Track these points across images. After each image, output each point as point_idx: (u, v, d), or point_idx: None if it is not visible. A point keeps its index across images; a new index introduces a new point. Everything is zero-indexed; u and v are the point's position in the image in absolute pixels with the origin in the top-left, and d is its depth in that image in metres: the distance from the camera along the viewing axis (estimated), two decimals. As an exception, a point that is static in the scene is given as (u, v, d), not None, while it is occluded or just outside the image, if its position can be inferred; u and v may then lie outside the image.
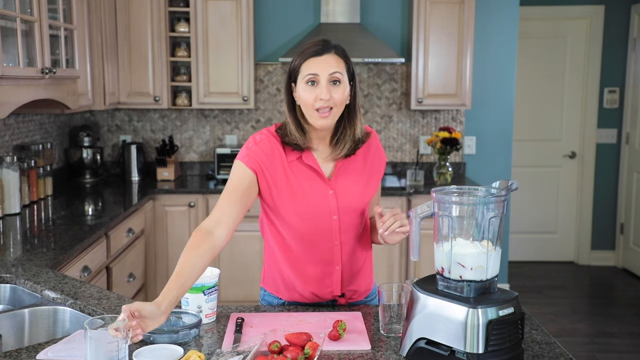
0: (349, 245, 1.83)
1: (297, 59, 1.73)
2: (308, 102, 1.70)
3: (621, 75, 5.45)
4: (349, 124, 1.77)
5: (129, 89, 4.18)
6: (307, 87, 1.70)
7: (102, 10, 3.81)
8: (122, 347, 1.30)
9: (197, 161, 4.64)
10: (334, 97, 1.69)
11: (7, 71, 2.46)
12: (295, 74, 1.73)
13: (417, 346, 1.42)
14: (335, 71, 1.70)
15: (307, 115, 1.72)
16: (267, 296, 1.94)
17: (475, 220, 1.39)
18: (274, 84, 4.56)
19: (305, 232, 1.78)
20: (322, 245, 1.80)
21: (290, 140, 1.75)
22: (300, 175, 1.76)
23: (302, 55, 1.72)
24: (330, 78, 1.69)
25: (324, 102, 1.68)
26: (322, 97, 1.68)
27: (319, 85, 1.69)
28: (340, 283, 1.84)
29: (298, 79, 1.72)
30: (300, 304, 1.88)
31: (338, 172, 1.80)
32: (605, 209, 5.61)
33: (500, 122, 4.62)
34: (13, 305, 2.06)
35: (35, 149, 3.62)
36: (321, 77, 1.69)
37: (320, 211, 1.77)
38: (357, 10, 4.30)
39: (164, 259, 4.02)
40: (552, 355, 1.48)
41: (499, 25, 4.53)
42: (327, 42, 1.74)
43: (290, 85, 1.76)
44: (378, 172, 1.89)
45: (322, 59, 1.70)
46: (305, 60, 1.71)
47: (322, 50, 1.71)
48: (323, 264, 1.81)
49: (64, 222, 3.01)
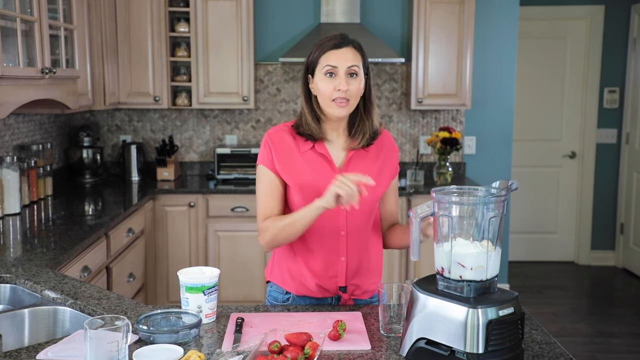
0: (355, 237, 1.87)
1: (315, 52, 1.81)
2: (326, 92, 1.78)
3: (621, 75, 5.45)
4: (366, 115, 1.86)
5: (129, 89, 4.18)
6: (325, 79, 1.78)
7: (102, 10, 3.81)
8: (122, 347, 1.30)
9: (197, 161, 4.64)
10: (350, 89, 1.77)
11: (7, 71, 2.46)
12: (313, 65, 1.82)
13: (417, 346, 1.42)
14: (353, 64, 1.78)
15: (324, 105, 1.80)
16: (274, 291, 1.96)
17: (475, 220, 1.39)
18: (274, 84, 4.56)
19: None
20: (328, 235, 1.85)
21: (305, 131, 1.84)
22: (311, 164, 1.84)
23: (322, 48, 1.80)
24: (348, 71, 1.78)
25: (342, 93, 1.77)
26: (341, 87, 1.76)
27: (337, 77, 1.77)
28: (344, 274, 1.87)
29: (316, 70, 1.81)
30: (305, 298, 1.90)
31: (349, 162, 1.86)
32: (605, 209, 5.61)
33: (500, 122, 4.62)
34: (13, 305, 2.06)
35: (35, 149, 3.62)
36: (340, 69, 1.77)
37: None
38: (357, 10, 4.30)
39: (164, 259, 4.02)
40: (552, 355, 1.48)
41: (499, 25, 4.53)
42: (345, 36, 1.83)
43: (307, 77, 1.85)
44: (390, 169, 1.93)
45: (341, 52, 1.78)
46: (325, 52, 1.79)
47: (341, 44, 1.79)
48: (328, 253, 1.86)
49: (64, 222, 3.01)
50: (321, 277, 1.87)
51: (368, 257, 1.92)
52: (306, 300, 1.91)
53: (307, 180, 1.82)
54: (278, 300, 1.94)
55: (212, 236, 4.03)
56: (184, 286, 1.68)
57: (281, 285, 1.94)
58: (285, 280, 1.92)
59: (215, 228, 4.03)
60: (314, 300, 1.91)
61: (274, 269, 1.97)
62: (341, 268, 1.87)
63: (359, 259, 1.89)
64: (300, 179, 1.83)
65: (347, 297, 1.90)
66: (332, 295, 1.90)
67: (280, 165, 1.84)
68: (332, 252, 1.86)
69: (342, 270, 1.87)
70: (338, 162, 1.86)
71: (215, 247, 4.04)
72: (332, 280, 1.87)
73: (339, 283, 1.88)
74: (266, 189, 1.85)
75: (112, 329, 1.30)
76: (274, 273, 1.97)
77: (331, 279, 1.87)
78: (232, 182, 4.25)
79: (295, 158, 1.84)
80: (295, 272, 1.90)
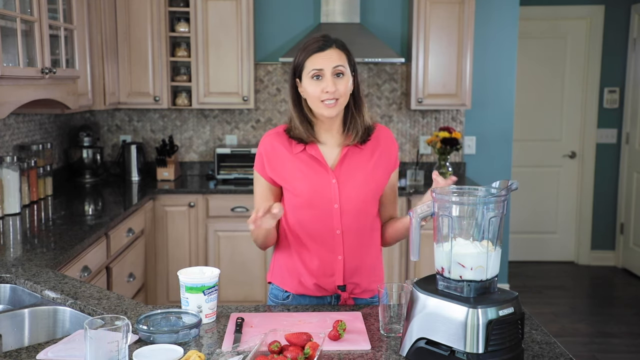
0: (352, 236, 1.87)
1: (300, 56, 1.83)
2: (314, 95, 1.80)
3: (621, 75, 5.45)
4: (357, 112, 1.88)
5: (129, 89, 4.18)
6: (312, 82, 1.80)
7: (102, 10, 3.81)
8: (122, 347, 1.30)
9: (197, 161, 4.64)
10: (338, 89, 1.79)
11: (7, 71, 2.46)
12: (300, 69, 1.84)
13: (417, 346, 1.42)
14: (338, 64, 1.80)
15: (314, 107, 1.82)
16: (274, 289, 1.99)
17: (475, 220, 1.39)
18: (274, 84, 4.56)
19: (307, 219, 1.86)
20: (324, 234, 1.86)
21: (295, 135, 1.87)
22: (304, 166, 1.86)
23: (306, 52, 1.82)
24: (334, 71, 1.80)
25: (330, 95, 1.78)
26: (328, 89, 1.78)
27: (324, 79, 1.79)
28: (342, 273, 1.88)
29: (303, 74, 1.83)
30: (304, 297, 1.91)
31: (343, 159, 1.87)
32: (605, 209, 5.61)
33: (500, 122, 4.62)
34: (13, 305, 2.06)
35: (35, 149, 3.62)
36: (326, 71, 1.79)
37: (321, 199, 1.84)
38: (357, 10, 4.30)
39: (164, 259, 4.02)
40: (552, 355, 1.48)
41: (499, 25, 4.53)
42: (328, 37, 1.85)
43: (294, 80, 1.86)
44: (387, 164, 1.93)
45: (326, 54, 1.80)
46: (310, 56, 1.81)
47: (324, 46, 1.81)
48: (325, 252, 1.87)
49: (64, 222, 3.01)
50: (318, 275, 1.88)
51: (367, 256, 1.92)
52: (305, 299, 1.91)
53: (300, 183, 1.85)
54: (278, 297, 1.96)
55: (212, 236, 4.03)
56: (184, 286, 1.68)
57: (280, 285, 1.95)
58: (285, 280, 1.94)
59: (215, 228, 4.03)
60: (313, 300, 1.91)
61: (274, 269, 1.99)
62: (339, 267, 1.87)
63: (358, 258, 1.89)
64: (293, 182, 1.86)
65: (347, 295, 1.91)
66: (331, 294, 1.91)
67: (273, 172, 1.88)
68: (328, 250, 1.87)
69: (340, 269, 1.87)
70: (331, 160, 1.87)
71: (215, 247, 4.04)
72: (330, 279, 1.88)
73: (337, 282, 1.89)
74: (259, 193, 1.92)
75: (112, 329, 1.30)
76: (274, 274, 1.99)
77: (329, 278, 1.88)
78: (232, 182, 4.25)
79: (287, 162, 1.87)
80: (293, 271, 1.91)
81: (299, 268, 1.90)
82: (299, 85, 1.85)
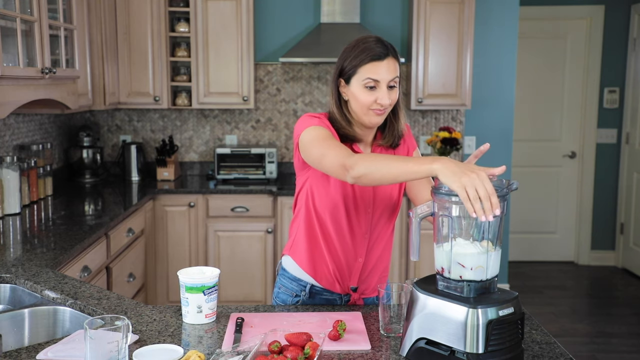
0: (376, 239, 1.87)
1: (353, 60, 1.72)
2: (365, 103, 1.72)
3: (621, 75, 5.45)
4: (395, 119, 1.83)
5: (129, 89, 4.18)
6: (365, 90, 1.71)
7: (102, 10, 3.81)
8: (122, 347, 1.30)
9: (197, 161, 4.64)
10: (391, 100, 1.73)
11: (7, 71, 2.45)
12: (350, 74, 1.73)
13: (417, 346, 1.42)
14: (395, 77, 1.73)
15: (360, 112, 1.74)
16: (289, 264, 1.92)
17: (475, 220, 1.39)
18: (274, 84, 4.56)
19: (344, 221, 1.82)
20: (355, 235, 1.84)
21: (343, 133, 1.78)
22: None
23: (361, 58, 1.71)
24: (390, 83, 1.72)
25: (382, 105, 1.71)
26: (383, 102, 1.71)
27: (379, 90, 1.71)
28: (358, 275, 1.88)
29: (353, 79, 1.73)
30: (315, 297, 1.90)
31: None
32: (605, 209, 5.61)
33: (500, 122, 4.62)
34: (13, 305, 2.06)
35: (35, 149, 3.62)
36: (382, 83, 1.71)
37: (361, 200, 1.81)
38: (357, 10, 4.30)
39: (164, 259, 4.02)
40: (552, 355, 1.48)
41: (499, 25, 4.53)
42: (383, 42, 1.73)
43: (338, 80, 1.77)
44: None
45: (384, 64, 1.71)
46: (366, 63, 1.70)
47: (383, 55, 1.71)
48: (349, 252, 1.85)
49: (64, 222, 3.01)
50: (337, 274, 1.87)
51: (383, 258, 1.93)
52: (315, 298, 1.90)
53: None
54: (287, 302, 1.92)
55: (212, 236, 4.03)
56: (184, 286, 1.68)
57: (297, 263, 1.89)
58: (303, 261, 1.88)
59: (215, 228, 4.03)
60: (323, 301, 1.90)
61: (294, 245, 1.92)
62: (356, 269, 1.88)
63: (375, 261, 1.90)
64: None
65: (357, 296, 1.91)
66: (343, 293, 1.90)
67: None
68: (353, 252, 1.86)
69: (357, 270, 1.88)
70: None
71: (215, 247, 4.04)
72: (346, 280, 1.88)
73: (352, 283, 1.89)
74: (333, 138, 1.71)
75: (112, 329, 1.30)
76: (293, 248, 1.92)
77: (346, 279, 1.88)
78: (232, 182, 4.25)
79: None
80: (316, 257, 1.87)
81: (324, 260, 1.85)
82: (343, 85, 1.76)
